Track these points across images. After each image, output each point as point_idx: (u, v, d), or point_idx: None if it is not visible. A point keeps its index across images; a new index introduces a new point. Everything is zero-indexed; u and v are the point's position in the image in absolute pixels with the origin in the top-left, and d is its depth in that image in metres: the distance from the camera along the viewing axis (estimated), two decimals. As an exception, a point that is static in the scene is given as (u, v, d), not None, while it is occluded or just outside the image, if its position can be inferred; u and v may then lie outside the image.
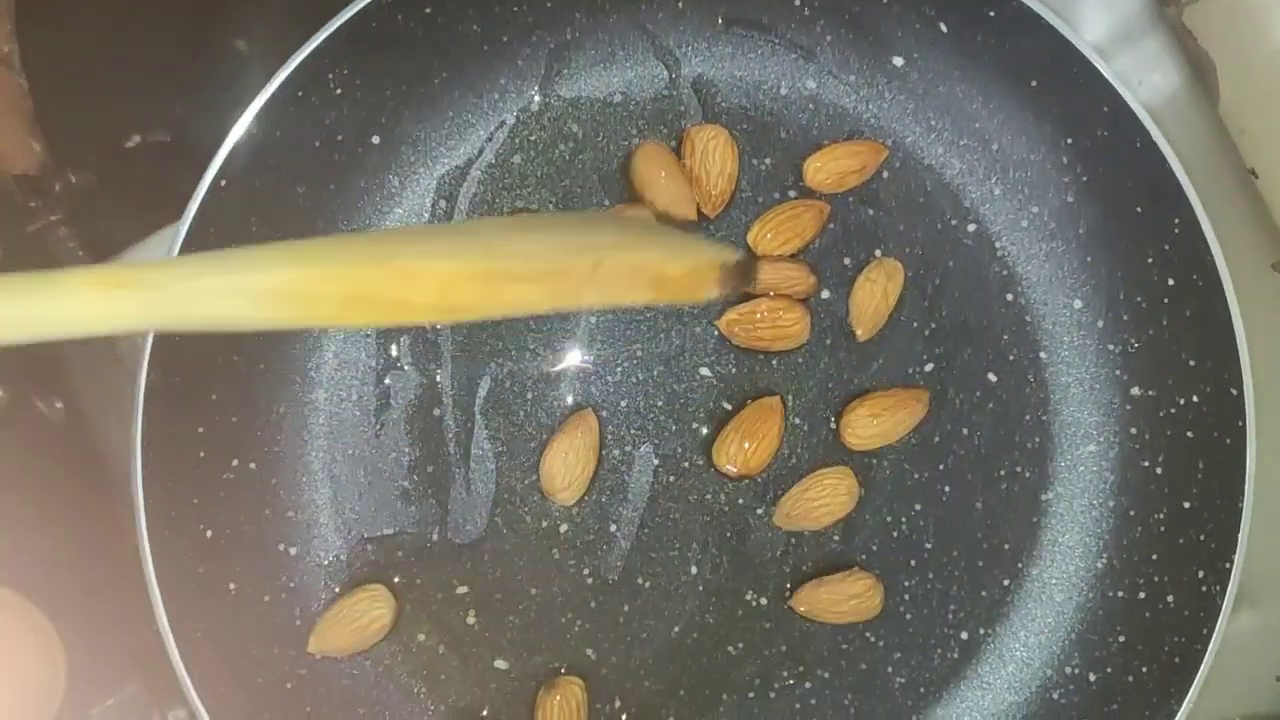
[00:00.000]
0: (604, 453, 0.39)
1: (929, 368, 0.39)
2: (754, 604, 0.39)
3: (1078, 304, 0.39)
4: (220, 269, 0.25)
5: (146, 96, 0.45)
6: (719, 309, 0.38)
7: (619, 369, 0.39)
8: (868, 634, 0.39)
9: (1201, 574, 0.37)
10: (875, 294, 0.38)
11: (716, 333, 0.39)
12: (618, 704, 0.38)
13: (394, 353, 0.39)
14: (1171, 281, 0.37)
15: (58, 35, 0.44)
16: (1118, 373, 0.38)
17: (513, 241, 0.29)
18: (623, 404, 0.39)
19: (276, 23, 0.45)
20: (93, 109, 0.45)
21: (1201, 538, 0.37)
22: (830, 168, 0.38)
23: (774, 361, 0.39)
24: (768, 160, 0.39)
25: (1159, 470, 0.38)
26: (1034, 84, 0.37)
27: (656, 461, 0.39)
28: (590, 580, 0.39)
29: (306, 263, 0.26)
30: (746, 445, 0.38)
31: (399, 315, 0.28)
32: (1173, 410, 0.38)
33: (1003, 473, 0.39)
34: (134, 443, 0.35)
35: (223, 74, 0.45)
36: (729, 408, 0.39)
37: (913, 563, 0.39)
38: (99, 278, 0.24)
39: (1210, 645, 0.36)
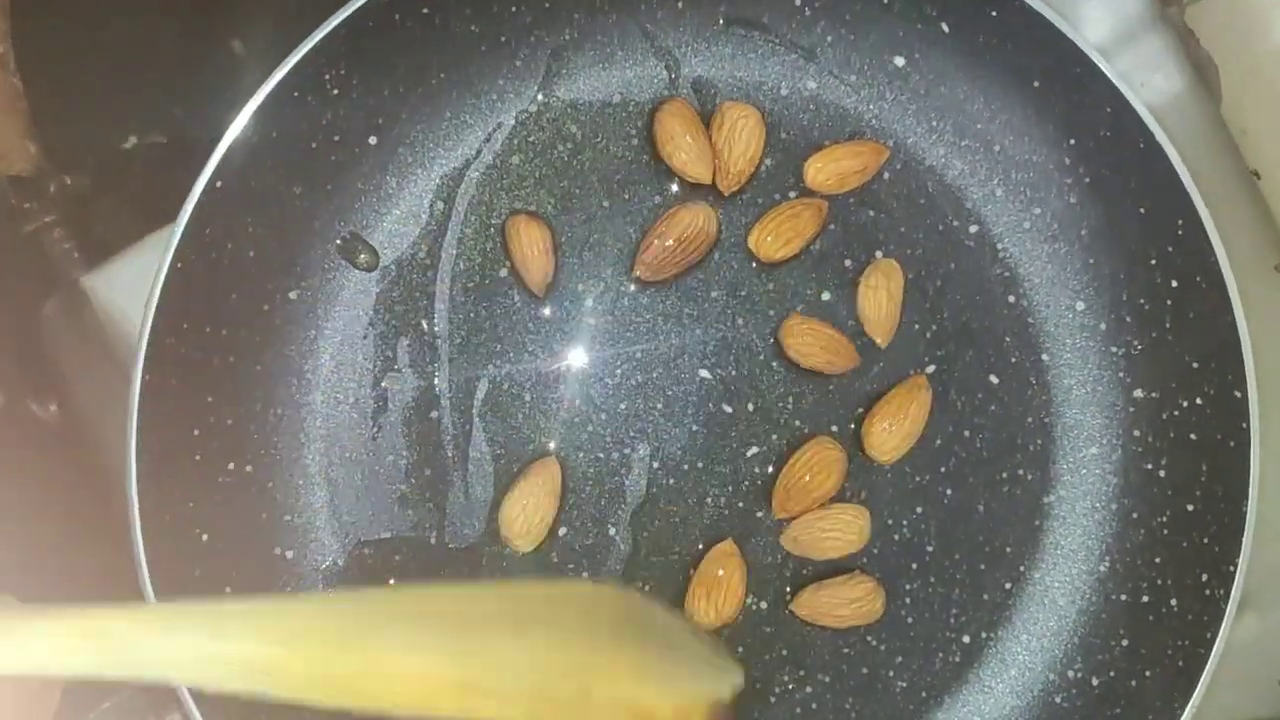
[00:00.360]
0: (602, 455, 0.38)
1: (931, 370, 0.39)
2: (754, 608, 0.38)
3: (1080, 306, 0.38)
4: (186, 629, 0.24)
5: (142, 98, 0.45)
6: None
7: (618, 371, 0.39)
8: (869, 638, 0.38)
9: (1205, 577, 0.37)
10: (880, 299, 0.38)
11: (716, 335, 0.39)
12: (617, 709, 0.38)
13: (392, 355, 0.38)
14: (1175, 283, 0.37)
15: (53, 36, 0.44)
16: (1121, 375, 0.38)
17: (501, 647, 0.27)
18: (621, 406, 0.39)
19: (273, 24, 0.45)
20: (88, 110, 0.45)
21: (1205, 541, 0.37)
22: (831, 168, 0.38)
23: (774, 364, 0.39)
24: (768, 161, 0.39)
25: (1162, 473, 0.38)
26: (1036, 84, 0.37)
27: (655, 464, 0.39)
28: (585, 575, 0.38)
29: (277, 638, 0.25)
30: (808, 478, 0.38)
31: (370, 705, 0.26)
32: (1176, 413, 0.37)
33: (1005, 475, 0.39)
34: (129, 446, 0.35)
35: (219, 75, 0.45)
36: (729, 410, 0.38)
37: (914, 566, 0.39)
38: (61, 627, 0.23)
39: (1214, 649, 0.36)
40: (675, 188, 0.38)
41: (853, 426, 0.39)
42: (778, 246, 0.38)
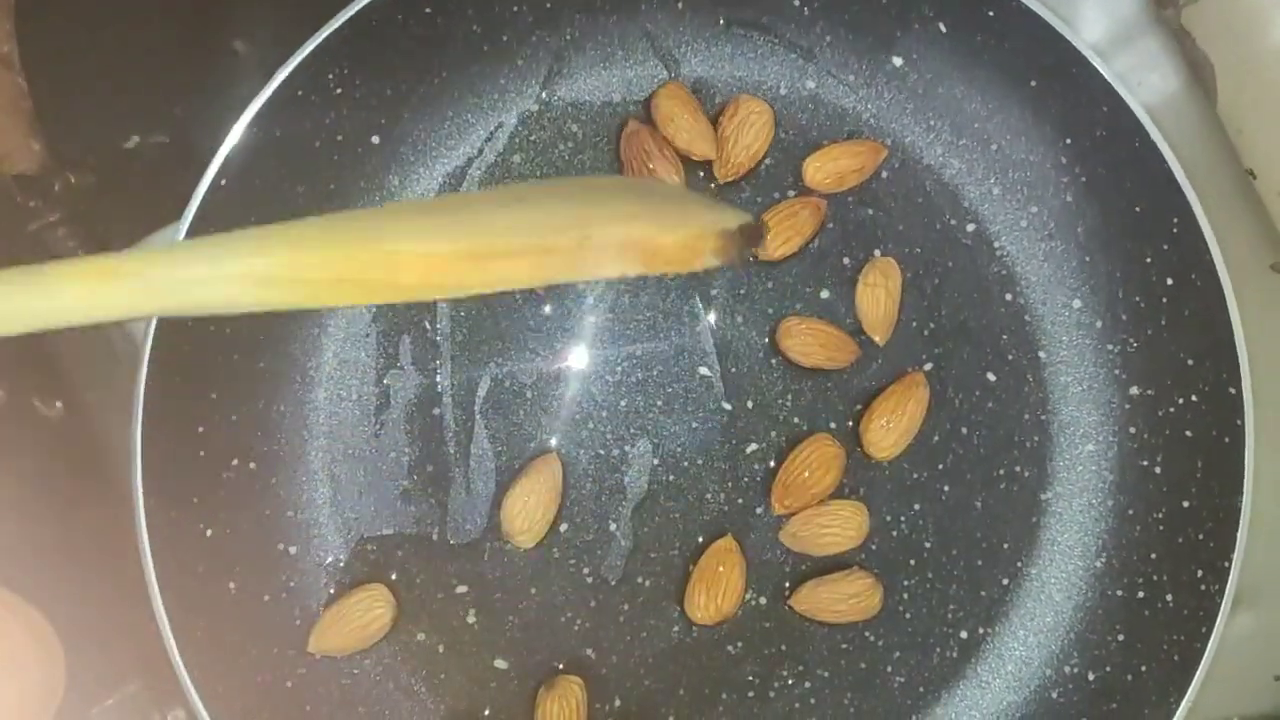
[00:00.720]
0: (603, 452, 0.39)
1: (928, 367, 0.39)
2: (753, 603, 0.39)
3: (1077, 304, 0.39)
4: (206, 257, 0.25)
5: (146, 97, 0.45)
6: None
7: (618, 368, 0.39)
8: (867, 633, 0.39)
9: (1200, 573, 0.37)
10: (879, 297, 0.38)
11: (715, 332, 0.39)
12: (618, 703, 0.38)
13: (394, 352, 0.39)
14: (1170, 281, 0.37)
15: (57, 35, 0.44)
16: (1117, 372, 0.39)
17: (499, 216, 0.29)
18: (622, 404, 0.39)
19: (276, 24, 0.45)
20: (92, 109, 0.45)
21: (1200, 537, 0.37)
22: (829, 168, 0.38)
23: (773, 361, 0.39)
24: (767, 160, 0.39)
25: (1158, 469, 0.38)
26: (1033, 84, 0.37)
27: (656, 461, 0.39)
28: (590, 579, 0.39)
29: (293, 247, 0.26)
30: (807, 475, 0.38)
31: (387, 295, 0.28)
32: (1171, 410, 0.38)
33: (1002, 472, 0.39)
34: (133, 442, 0.35)
35: (222, 75, 0.45)
36: (728, 407, 0.39)
37: (912, 562, 0.39)
38: (85, 269, 0.24)
39: (1209, 644, 0.36)
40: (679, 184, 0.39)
41: (851, 424, 0.39)
42: (777, 244, 0.38)
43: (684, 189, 0.36)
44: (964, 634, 0.39)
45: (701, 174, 0.39)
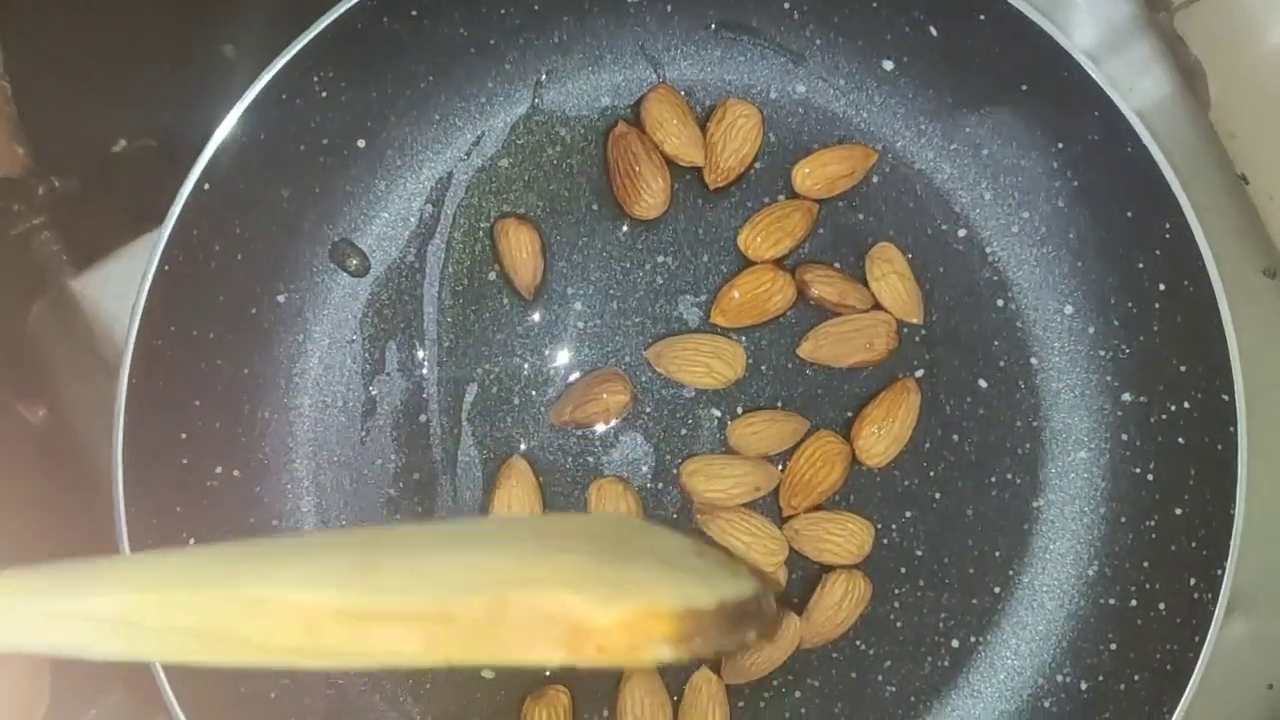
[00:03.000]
0: (590, 459, 0.38)
1: (920, 373, 0.39)
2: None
3: (1069, 310, 0.39)
4: (54, 589, 0.22)
5: (132, 101, 0.44)
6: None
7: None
8: (858, 642, 0.38)
9: (1193, 581, 0.37)
10: (894, 283, 0.38)
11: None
12: (605, 713, 0.38)
13: (380, 358, 0.38)
14: (1162, 287, 0.37)
15: (42, 39, 0.44)
16: (1109, 379, 0.38)
17: (391, 567, 0.23)
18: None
19: (264, 27, 0.44)
20: (77, 113, 0.44)
21: (1193, 545, 0.37)
22: (819, 173, 0.38)
23: (763, 368, 0.39)
24: (757, 165, 0.39)
25: (1150, 477, 0.38)
26: (1024, 89, 0.37)
27: (644, 468, 0.38)
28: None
29: (149, 586, 0.22)
30: (811, 474, 0.38)
31: (257, 657, 0.24)
32: (1164, 416, 0.37)
33: (993, 479, 0.39)
34: (115, 450, 0.34)
35: (209, 79, 0.44)
36: (717, 414, 0.38)
37: (903, 570, 0.39)
38: None
39: (1202, 653, 0.36)
40: (664, 188, 0.38)
41: (840, 430, 0.39)
42: (767, 247, 0.38)
43: (692, 543, 0.27)
44: (955, 642, 0.39)
45: (689, 177, 0.38)
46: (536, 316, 0.38)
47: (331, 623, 0.22)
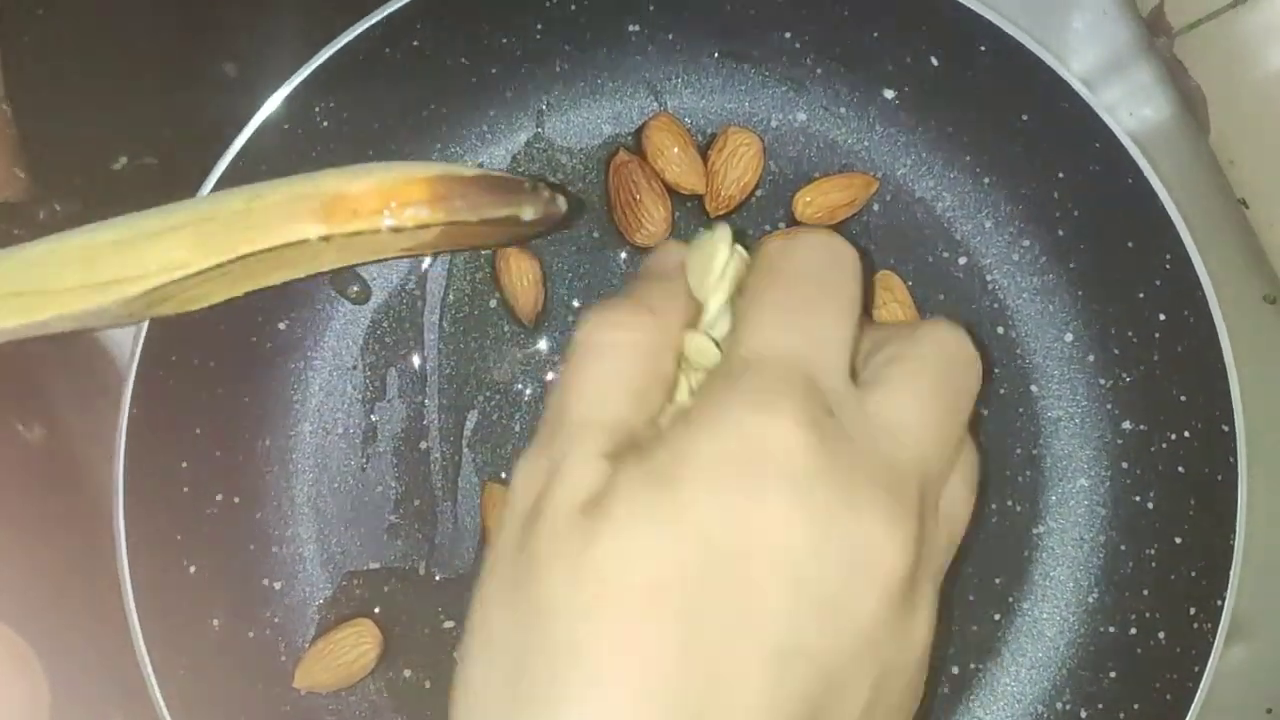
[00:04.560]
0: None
1: (920, 401, 0.39)
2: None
3: (1069, 338, 0.39)
4: None
5: (133, 119, 0.44)
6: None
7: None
8: (858, 669, 0.38)
9: (1193, 610, 0.37)
10: (895, 311, 0.38)
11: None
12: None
13: (381, 385, 0.38)
14: (1163, 317, 0.37)
15: (43, 56, 0.44)
16: (1109, 407, 0.38)
17: (158, 211, 0.26)
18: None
19: (266, 45, 0.44)
20: (79, 131, 0.44)
21: (1193, 574, 0.37)
22: (820, 201, 0.38)
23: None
24: (758, 193, 0.39)
25: (1150, 505, 0.38)
26: (1025, 118, 0.37)
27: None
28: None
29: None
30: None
31: (54, 305, 0.26)
32: (1164, 445, 0.37)
33: (993, 507, 0.39)
34: (116, 478, 0.35)
35: (210, 97, 0.44)
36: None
37: (903, 597, 0.39)
38: None
39: (1202, 683, 0.36)
40: (665, 217, 0.38)
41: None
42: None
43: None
44: (955, 669, 0.39)
45: (690, 205, 0.38)
46: (538, 344, 0.38)
47: (109, 251, 0.25)
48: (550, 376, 0.38)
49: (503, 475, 0.38)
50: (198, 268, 0.26)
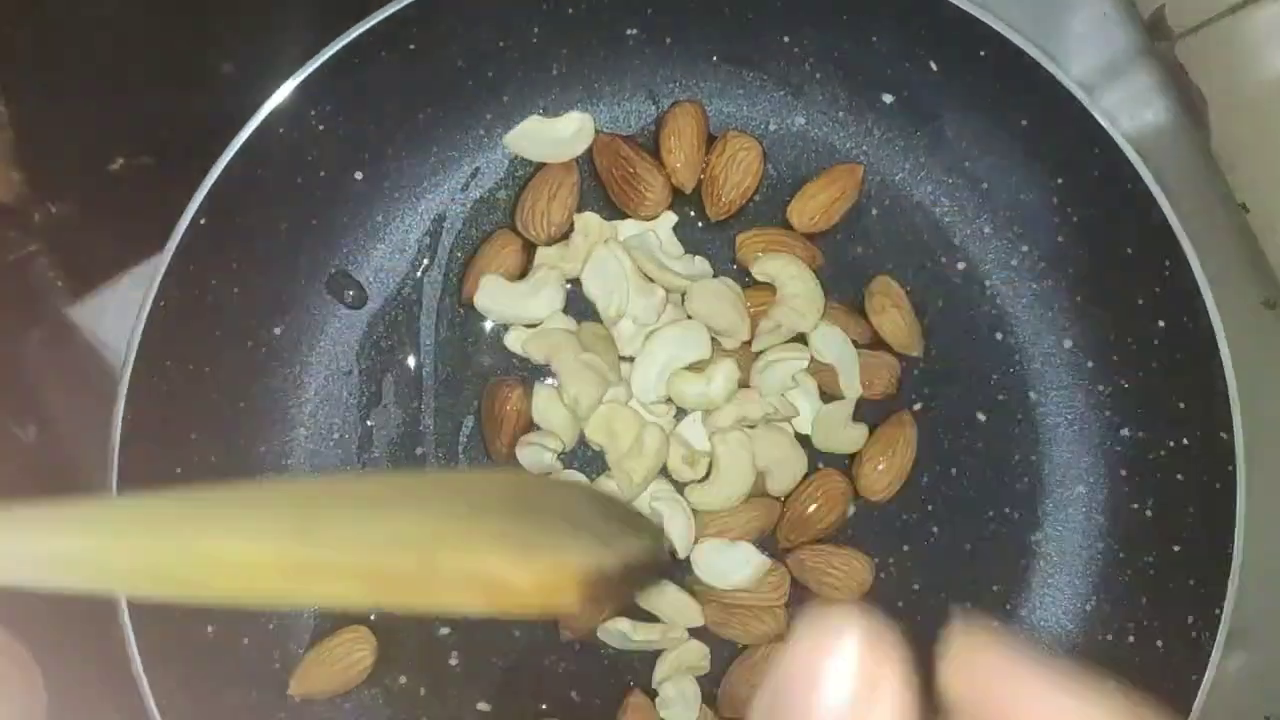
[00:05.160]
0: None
1: (917, 407, 0.39)
2: (742, 646, 0.38)
3: (1068, 344, 0.38)
4: (23, 529, 0.23)
5: (130, 119, 0.44)
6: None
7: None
8: (855, 676, 0.38)
9: (1192, 619, 0.36)
10: (894, 316, 0.38)
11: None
12: (601, 748, 0.38)
13: (377, 390, 0.38)
14: (1162, 323, 0.37)
15: (39, 56, 0.44)
16: (1108, 414, 0.38)
17: (329, 524, 0.26)
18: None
19: (264, 47, 0.44)
20: (75, 133, 0.44)
21: (1191, 582, 0.37)
22: (810, 206, 0.38)
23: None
24: (756, 197, 0.38)
25: (1149, 513, 0.38)
26: (1024, 123, 0.37)
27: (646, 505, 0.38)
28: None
29: (99, 533, 0.24)
30: (813, 509, 0.38)
31: (200, 593, 0.26)
32: (1163, 453, 0.37)
33: (991, 514, 0.39)
34: (110, 484, 0.34)
35: (208, 96, 0.44)
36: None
37: (900, 604, 0.38)
38: None
39: (1200, 691, 0.36)
40: (664, 183, 0.38)
41: (839, 467, 0.38)
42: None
43: (596, 502, 0.31)
44: (953, 677, 0.39)
45: (690, 212, 0.38)
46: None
47: (274, 574, 0.24)
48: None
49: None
50: (360, 605, 0.28)
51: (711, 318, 0.37)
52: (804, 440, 0.38)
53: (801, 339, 0.38)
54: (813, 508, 0.38)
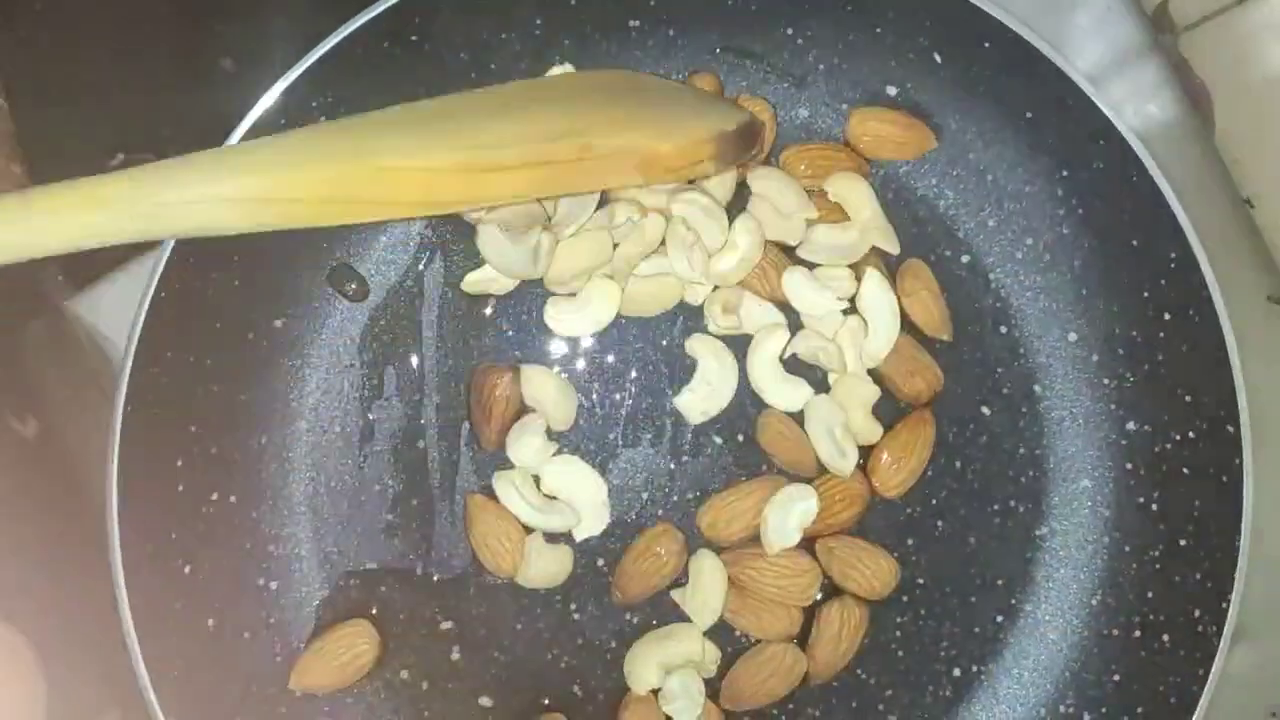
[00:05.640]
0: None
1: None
2: (744, 639, 0.38)
3: (1072, 337, 0.38)
4: (195, 178, 0.24)
5: (130, 115, 0.44)
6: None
7: (607, 403, 0.38)
8: (859, 671, 0.38)
9: (1198, 613, 0.36)
10: (924, 299, 0.37)
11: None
12: (604, 743, 0.38)
13: (379, 383, 0.38)
14: (1168, 316, 0.37)
15: (40, 51, 0.44)
16: (1113, 407, 0.38)
17: (495, 126, 0.28)
18: (610, 436, 0.38)
19: (263, 41, 0.44)
20: (75, 128, 0.44)
21: (1198, 576, 0.36)
22: (873, 128, 0.37)
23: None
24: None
25: (1155, 506, 0.37)
26: (1029, 115, 0.37)
27: (645, 495, 0.38)
28: (576, 615, 0.38)
29: (283, 166, 0.25)
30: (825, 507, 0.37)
31: (382, 213, 0.27)
32: (1169, 446, 0.37)
33: (996, 507, 0.38)
34: (110, 477, 0.34)
35: (209, 93, 0.44)
36: (719, 441, 0.38)
37: (904, 598, 0.38)
38: (68, 196, 0.23)
39: (1206, 686, 0.36)
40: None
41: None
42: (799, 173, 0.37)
43: (679, 84, 0.35)
44: (957, 672, 0.38)
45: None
46: (552, 348, 0.38)
47: (450, 178, 0.26)
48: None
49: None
50: (531, 198, 0.29)
51: (776, 196, 0.36)
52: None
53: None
54: (825, 507, 0.37)
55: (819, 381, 0.38)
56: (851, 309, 0.38)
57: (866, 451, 0.38)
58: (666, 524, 0.38)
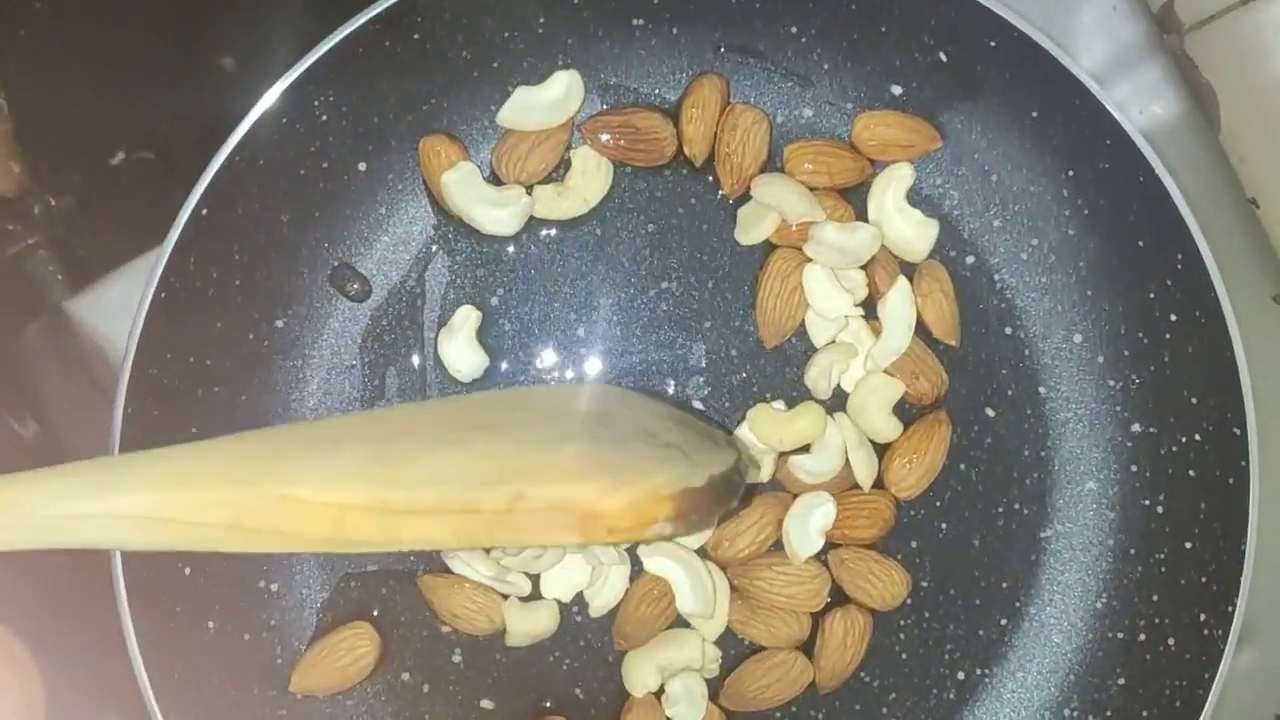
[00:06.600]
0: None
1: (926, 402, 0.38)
2: (747, 643, 0.38)
3: (1078, 338, 0.38)
4: (90, 489, 0.23)
5: (130, 113, 0.44)
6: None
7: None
8: (862, 674, 0.38)
9: (1203, 616, 0.36)
10: (939, 301, 0.37)
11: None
12: (606, 746, 0.38)
13: (380, 384, 0.38)
14: (1174, 317, 0.36)
15: (40, 49, 0.43)
16: (1118, 409, 0.38)
17: (414, 461, 0.24)
18: (613, 438, 0.38)
19: (264, 40, 0.44)
20: (76, 126, 0.44)
21: (1203, 580, 0.36)
22: (879, 132, 0.37)
23: (786, 370, 0.38)
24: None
25: (1160, 509, 0.37)
26: (1034, 115, 0.36)
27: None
28: (579, 618, 0.38)
29: (175, 485, 0.23)
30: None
31: (291, 546, 0.25)
32: (1174, 448, 0.37)
33: (1001, 509, 0.38)
34: (110, 478, 0.34)
35: (209, 91, 0.44)
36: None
37: (908, 601, 0.38)
38: None
39: (1212, 690, 0.36)
40: (667, 123, 0.37)
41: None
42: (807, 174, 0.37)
43: (655, 409, 0.31)
44: (961, 675, 0.38)
45: (694, 202, 0.38)
46: (548, 355, 0.38)
47: (361, 516, 0.23)
48: (552, 377, 0.38)
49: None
50: (450, 548, 0.28)
51: (781, 202, 0.36)
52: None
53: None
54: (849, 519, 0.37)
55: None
56: (872, 314, 0.37)
57: (882, 452, 0.38)
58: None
